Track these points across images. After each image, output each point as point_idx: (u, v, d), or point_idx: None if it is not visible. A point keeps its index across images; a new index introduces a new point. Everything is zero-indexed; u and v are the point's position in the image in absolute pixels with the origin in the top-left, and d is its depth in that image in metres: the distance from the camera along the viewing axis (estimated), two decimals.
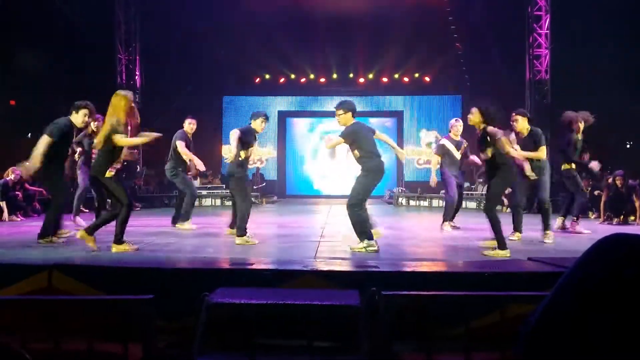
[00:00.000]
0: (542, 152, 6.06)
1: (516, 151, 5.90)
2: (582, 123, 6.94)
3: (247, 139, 5.93)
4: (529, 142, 6.11)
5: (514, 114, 6.29)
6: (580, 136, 6.97)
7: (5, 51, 14.43)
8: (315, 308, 2.69)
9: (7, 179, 8.79)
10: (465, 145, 7.50)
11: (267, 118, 6.24)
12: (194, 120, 7.51)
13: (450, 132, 7.52)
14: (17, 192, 9.11)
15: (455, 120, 7.73)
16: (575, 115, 7.01)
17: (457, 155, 7.32)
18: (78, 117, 6.11)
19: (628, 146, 16.71)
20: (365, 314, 2.70)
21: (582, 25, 13.70)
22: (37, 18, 14.21)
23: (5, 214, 8.49)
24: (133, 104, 5.30)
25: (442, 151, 7.37)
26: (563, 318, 0.77)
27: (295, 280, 3.43)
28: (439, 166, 7.42)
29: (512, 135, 6.07)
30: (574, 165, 6.95)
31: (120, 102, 5.15)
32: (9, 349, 1.00)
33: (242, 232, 5.59)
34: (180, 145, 7.21)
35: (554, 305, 0.80)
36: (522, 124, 6.18)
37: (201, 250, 5.08)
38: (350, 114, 5.52)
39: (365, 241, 5.03)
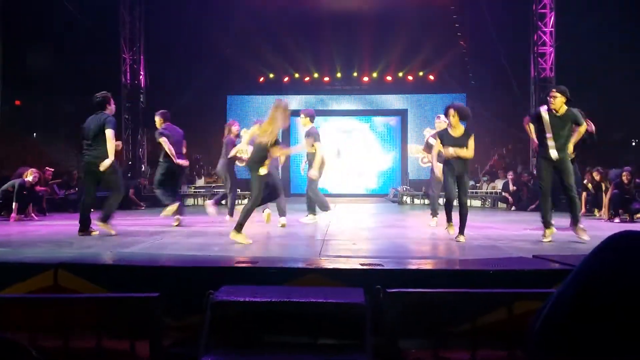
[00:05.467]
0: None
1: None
2: None
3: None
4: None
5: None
6: None
7: (10, 51, 14.48)
8: (320, 306, 2.69)
9: (25, 180, 8.79)
10: None
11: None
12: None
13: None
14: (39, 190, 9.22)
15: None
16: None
17: None
18: (112, 108, 6.55)
19: (634, 144, 16.64)
20: (370, 311, 2.70)
21: (587, 22, 13.64)
22: (42, 18, 14.26)
23: (14, 214, 8.50)
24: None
25: None
26: (571, 315, 0.77)
27: (300, 278, 3.43)
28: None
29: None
30: None
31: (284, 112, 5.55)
32: (17, 346, 1.00)
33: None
34: None
35: (562, 302, 0.80)
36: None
37: (206, 248, 5.09)
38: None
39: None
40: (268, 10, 15.80)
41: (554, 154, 5.66)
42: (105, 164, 6.02)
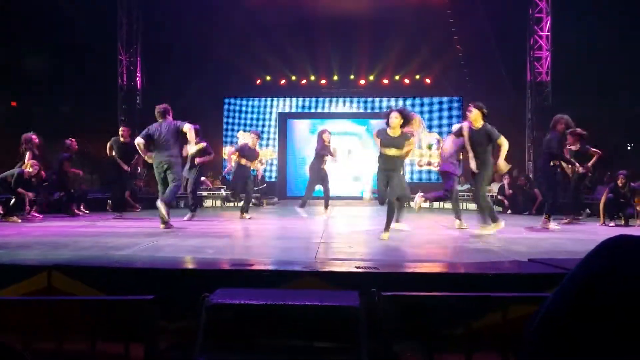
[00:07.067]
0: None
1: None
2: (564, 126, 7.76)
3: None
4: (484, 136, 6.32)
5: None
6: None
7: (7, 52, 14.45)
8: (315, 309, 2.69)
9: (25, 170, 8.69)
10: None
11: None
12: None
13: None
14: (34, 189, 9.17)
15: None
16: (561, 117, 7.77)
17: None
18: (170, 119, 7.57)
19: (629, 148, 16.71)
20: (365, 314, 2.70)
21: (583, 27, 13.70)
22: (39, 19, 14.23)
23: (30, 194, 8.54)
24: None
25: None
26: (566, 319, 0.77)
27: (295, 281, 3.43)
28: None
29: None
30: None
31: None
32: (10, 349, 1.00)
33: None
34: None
35: (557, 307, 0.80)
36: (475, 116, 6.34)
37: (201, 251, 5.08)
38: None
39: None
40: (265, 13, 15.80)
41: (472, 165, 6.23)
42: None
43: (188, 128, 7.26)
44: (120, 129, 9.94)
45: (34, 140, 8.91)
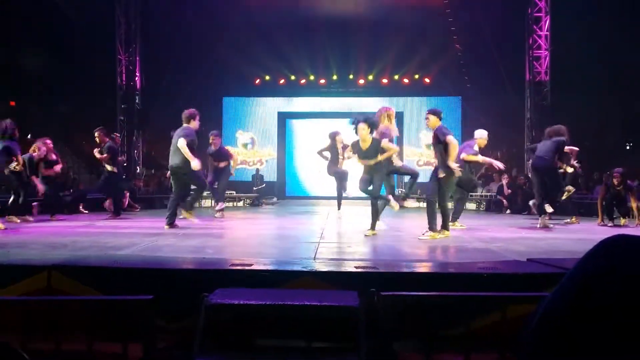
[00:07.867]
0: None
1: None
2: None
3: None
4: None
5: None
6: None
7: (6, 51, 14.43)
8: (314, 309, 2.69)
9: (33, 154, 8.64)
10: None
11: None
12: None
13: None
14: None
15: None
16: (566, 129, 7.80)
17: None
18: (196, 124, 7.29)
19: (628, 147, 16.72)
20: (364, 314, 2.70)
21: (581, 26, 13.71)
22: (38, 18, 14.22)
23: (41, 187, 8.51)
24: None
25: None
26: (565, 319, 0.77)
27: (295, 281, 3.43)
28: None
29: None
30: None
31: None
32: (8, 348, 1.00)
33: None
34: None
35: (555, 306, 0.80)
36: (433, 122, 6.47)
37: (200, 251, 5.07)
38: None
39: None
40: (264, 13, 15.80)
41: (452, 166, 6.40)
42: (195, 166, 6.95)
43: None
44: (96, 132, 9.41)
45: (47, 144, 8.91)
